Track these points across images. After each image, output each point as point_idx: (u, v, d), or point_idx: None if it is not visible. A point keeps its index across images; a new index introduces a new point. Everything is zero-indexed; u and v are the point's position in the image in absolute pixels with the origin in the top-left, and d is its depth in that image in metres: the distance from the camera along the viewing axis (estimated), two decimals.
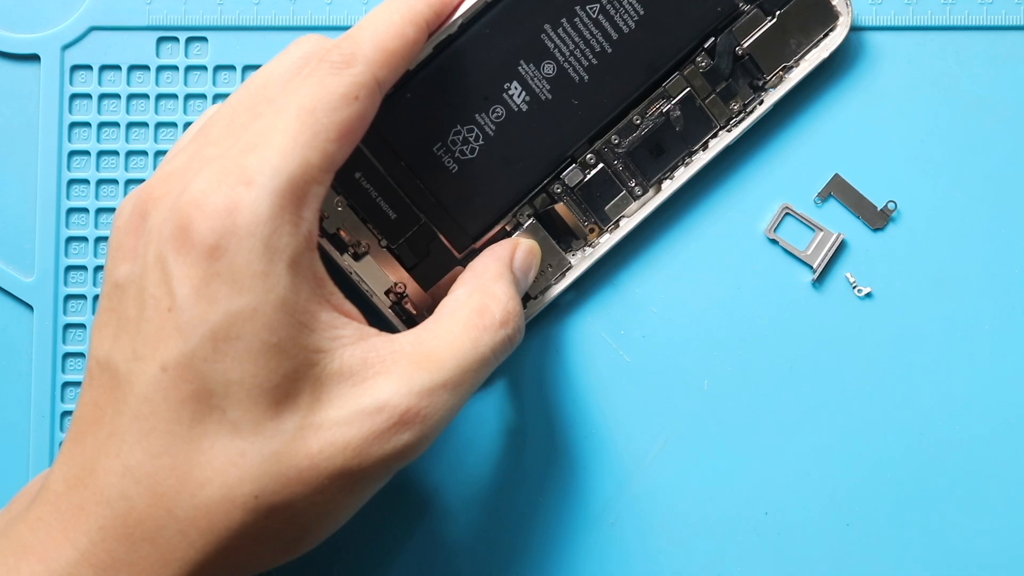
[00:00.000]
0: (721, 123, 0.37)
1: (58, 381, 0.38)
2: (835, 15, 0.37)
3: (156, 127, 0.39)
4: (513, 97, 0.36)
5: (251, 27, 0.39)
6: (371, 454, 0.29)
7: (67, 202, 0.38)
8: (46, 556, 0.29)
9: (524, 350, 0.38)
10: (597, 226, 0.38)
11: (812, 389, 0.38)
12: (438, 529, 0.38)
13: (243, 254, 0.28)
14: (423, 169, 0.36)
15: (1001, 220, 0.38)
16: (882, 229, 0.38)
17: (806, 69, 0.37)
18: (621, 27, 0.36)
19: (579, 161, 0.37)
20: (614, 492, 0.38)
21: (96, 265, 0.38)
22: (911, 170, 0.38)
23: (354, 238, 0.37)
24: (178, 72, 0.39)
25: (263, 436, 0.28)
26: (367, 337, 0.30)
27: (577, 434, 0.38)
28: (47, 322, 0.38)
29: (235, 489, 0.28)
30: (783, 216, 0.38)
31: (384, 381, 0.30)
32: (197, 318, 0.28)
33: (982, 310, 0.38)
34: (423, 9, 0.33)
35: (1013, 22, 0.38)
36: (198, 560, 0.28)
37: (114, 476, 0.28)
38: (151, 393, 0.28)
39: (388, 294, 0.37)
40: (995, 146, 0.38)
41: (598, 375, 0.38)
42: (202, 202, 0.28)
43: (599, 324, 0.39)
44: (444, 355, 0.31)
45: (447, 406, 0.30)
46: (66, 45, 0.39)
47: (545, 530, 0.38)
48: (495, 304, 0.32)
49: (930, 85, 0.38)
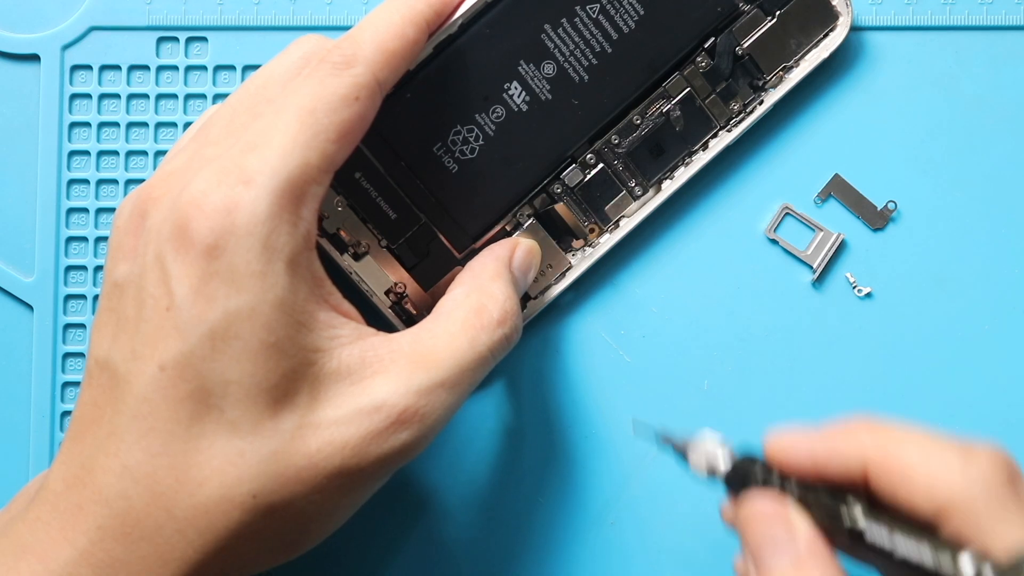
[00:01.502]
0: (721, 123, 0.37)
1: (58, 381, 0.38)
2: (835, 15, 0.37)
3: (156, 127, 0.39)
4: (513, 97, 0.36)
5: (251, 27, 0.39)
6: (369, 453, 0.29)
7: (67, 202, 0.38)
8: (45, 555, 0.29)
9: (523, 350, 0.38)
10: (597, 226, 0.38)
11: (812, 389, 0.38)
12: (437, 529, 0.38)
13: (241, 253, 0.28)
14: (423, 169, 0.36)
15: (1001, 220, 0.38)
16: (882, 229, 0.38)
17: (806, 69, 0.37)
18: (621, 27, 0.36)
19: (579, 161, 0.37)
20: (614, 492, 0.38)
21: (96, 265, 0.38)
22: (911, 170, 0.38)
23: (354, 238, 0.37)
24: (178, 72, 0.39)
25: (261, 435, 0.28)
26: (365, 336, 0.30)
27: (577, 434, 0.38)
28: (47, 322, 0.38)
29: (233, 488, 0.28)
30: (783, 216, 0.38)
31: (382, 380, 0.30)
32: (195, 317, 0.28)
33: (982, 310, 0.38)
34: (423, 9, 0.33)
35: (1013, 22, 0.38)
36: (196, 560, 0.28)
37: (112, 475, 0.28)
38: (150, 392, 0.28)
39: (388, 294, 0.37)
40: (995, 146, 0.38)
41: (598, 375, 0.38)
42: (201, 201, 0.28)
43: (599, 324, 0.38)
44: (442, 354, 0.31)
45: (445, 405, 0.30)
46: (66, 45, 0.39)
47: (544, 530, 0.38)
48: (493, 303, 0.32)
49: (930, 85, 0.38)
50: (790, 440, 0.29)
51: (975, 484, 0.26)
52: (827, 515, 0.27)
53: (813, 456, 0.29)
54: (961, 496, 0.26)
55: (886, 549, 0.26)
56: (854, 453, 0.28)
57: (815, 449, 0.29)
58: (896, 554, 0.26)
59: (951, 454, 0.27)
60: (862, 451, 0.28)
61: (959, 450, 0.27)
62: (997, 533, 0.26)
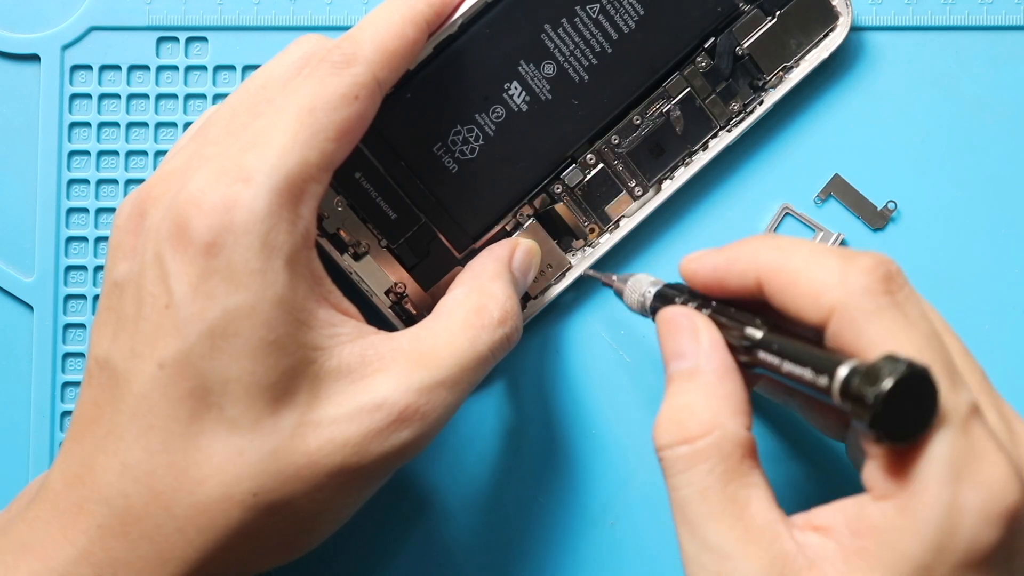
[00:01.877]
0: (721, 123, 0.37)
1: (58, 381, 0.38)
2: (835, 15, 0.37)
3: (156, 127, 0.39)
4: (513, 97, 0.36)
5: (251, 27, 0.39)
6: (370, 451, 0.29)
7: (67, 202, 0.38)
8: (45, 554, 0.29)
9: (524, 350, 0.38)
10: (597, 226, 0.38)
11: None
12: (437, 529, 0.38)
13: (240, 251, 0.28)
14: (423, 169, 0.36)
15: (1001, 220, 0.38)
16: (882, 229, 0.38)
17: (806, 69, 0.37)
18: (621, 27, 0.36)
19: (579, 161, 0.37)
20: (614, 492, 0.38)
21: (96, 265, 0.38)
22: (911, 170, 0.38)
23: (354, 238, 0.37)
24: (178, 72, 0.39)
25: (261, 433, 0.28)
26: (366, 335, 0.30)
27: (577, 434, 0.38)
28: (47, 322, 0.38)
29: (233, 487, 0.28)
30: (783, 216, 0.38)
31: (383, 378, 0.30)
32: (195, 315, 0.28)
33: (982, 310, 0.38)
34: (423, 9, 0.33)
35: (1013, 22, 0.38)
36: (197, 558, 0.28)
37: (112, 474, 0.28)
38: (149, 391, 0.28)
39: (388, 294, 0.37)
40: (995, 146, 0.38)
41: (598, 375, 0.38)
42: (200, 200, 0.28)
43: (599, 324, 0.38)
44: (442, 353, 0.31)
45: (445, 404, 0.30)
46: (66, 45, 0.39)
47: (545, 530, 0.38)
48: (493, 303, 0.32)
49: (930, 85, 0.38)
50: (698, 257, 0.31)
51: (852, 289, 0.26)
52: (735, 336, 0.29)
53: (715, 271, 0.30)
54: (840, 301, 0.26)
55: (775, 364, 0.27)
56: (749, 266, 0.29)
57: (717, 264, 0.30)
58: (783, 369, 0.27)
59: (833, 260, 0.27)
60: (756, 264, 0.29)
61: (840, 257, 0.27)
62: (869, 336, 0.26)
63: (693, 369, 0.29)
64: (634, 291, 0.34)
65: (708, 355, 0.29)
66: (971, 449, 0.25)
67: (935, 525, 0.24)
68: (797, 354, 0.27)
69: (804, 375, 0.26)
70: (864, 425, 0.24)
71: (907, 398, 0.24)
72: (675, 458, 0.28)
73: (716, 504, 0.27)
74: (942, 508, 0.24)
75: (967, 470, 0.25)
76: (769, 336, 0.28)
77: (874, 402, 0.24)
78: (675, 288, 0.33)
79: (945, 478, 0.25)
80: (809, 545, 0.26)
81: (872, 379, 0.24)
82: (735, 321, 0.29)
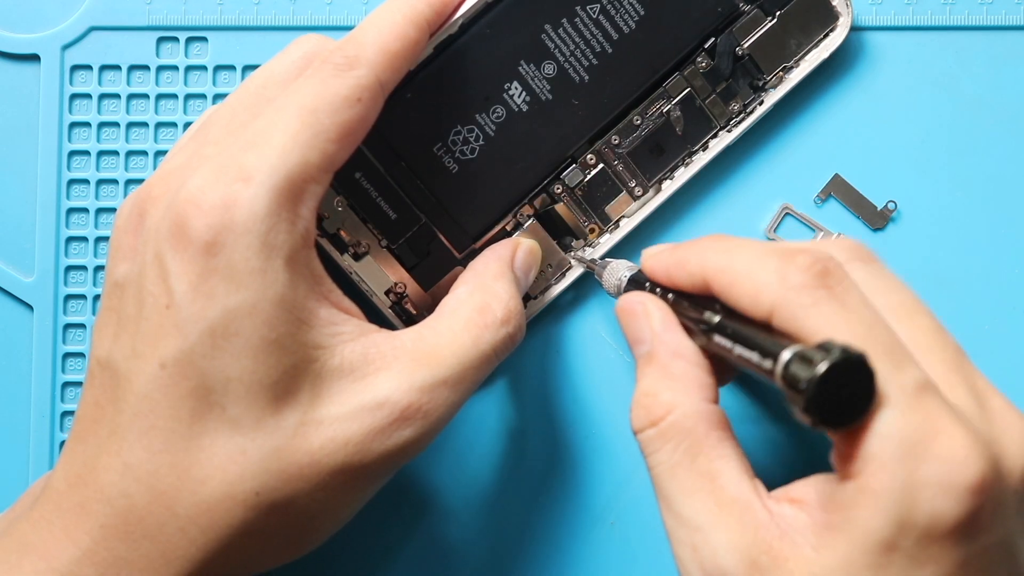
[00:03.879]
0: (721, 123, 0.37)
1: (58, 381, 0.38)
2: (835, 15, 0.37)
3: (156, 127, 0.39)
4: (513, 97, 0.36)
5: (251, 27, 0.39)
6: (372, 450, 0.29)
7: (67, 202, 0.38)
8: (48, 554, 0.29)
9: (524, 350, 0.38)
10: (597, 226, 0.38)
11: None
12: (438, 529, 0.38)
13: (240, 250, 0.28)
14: (423, 169, 0.36)
15: (1001, 220, 0.38)
16: (882, 229, 0.38)
17: (806, 69, 0.37)
18: (621, 27, 0.36)
19: (579, 161, 0.37)
20: (614, 492, 0.38)
21: (96, 265, 0.38)
22: (911, 170, 0.38)
23: (354, 238, 0.37)
24: (178, 72, 0.39)
25: (263, 432, 0.28)
26: (367, 333, 0.30)
27: (577, 434, 0.38)
28: (47, 322, 0.38)
29: (235, 486, 0.28)
30: (783, 216, 0.38)
31: (385, 377, 0.30)
32: (195, 315, 0.28)
33: (982, 310, 0.38)
34: (424, 9, 0.33)
35: (1013, 22, 0.38)
36: (199, 558, 0.28)
37: (114, 474, 0.28)
38: (151, 391, 0.28)
39: (388, 294, 0.37)
40: (995, 146, 0.38)
41: (598, 375, 0.38)
42: (199, 199, 0.28)
43: (599, 324, 0.39)
44: (445, 352, 0.31)
45: (448, 402, 0.30)
46: (66, 45, 0.39)
47: (545, 530, 0.38)
48: (496, 302, 0.32)
49: (930, 85, 0.38)
50: (655, 254, 0.32)
51: (790, 286, 0.27)
52: (693, 319, 0.30)
53: (667, 271, 0.31)
54: (779, 298, 0.27)
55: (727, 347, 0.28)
56: (697, 268, 0.30)
57: (668, 265, 0.31)
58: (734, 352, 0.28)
59: (772, 261, 0.28)
60: (703, 265, 0.30)
61: (780, 256, 0.28)
62: (808, 328, 0.26)
63: (650, 352, 0.30)
64: (612, 275, 0.35)
65: (660, 337, 0.30)
66: (924, 425, 0.25)
67: (893, 501, 0.25)
68: (747, 339, 0.28)
69: (752, 359, 0.27)
70: (799, 410, 0.25)
71: (843, 383, 0.24)
72: (646, 440, 0.29)
73: (686, 479, 0.28)
74: (897, 484, 0.25)
75: (921, 446, 0.25)
76: (724, 321, 0.29)
77: (807, 387, 0.24)
78: None
79: (896, 455, 0.25)
80: (783, 516, 0.27)
81: (807, 365, 0.25)
82: (696, 305, 0.30)
